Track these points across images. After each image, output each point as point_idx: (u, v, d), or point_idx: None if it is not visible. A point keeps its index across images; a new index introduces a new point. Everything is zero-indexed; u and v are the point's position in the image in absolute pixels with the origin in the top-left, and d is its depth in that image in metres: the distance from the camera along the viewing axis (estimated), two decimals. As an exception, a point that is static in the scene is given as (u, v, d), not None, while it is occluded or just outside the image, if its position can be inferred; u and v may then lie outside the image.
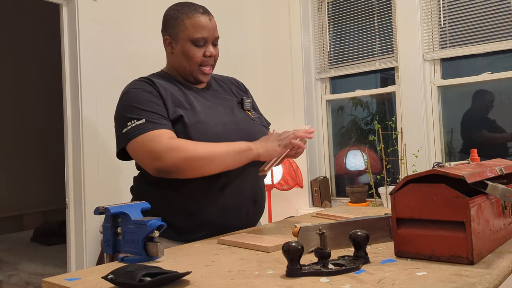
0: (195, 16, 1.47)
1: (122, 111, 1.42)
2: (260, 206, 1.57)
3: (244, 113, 1.59)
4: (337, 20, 3.33)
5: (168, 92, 1.46)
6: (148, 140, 1.34)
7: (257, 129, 1.56)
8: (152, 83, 1.46)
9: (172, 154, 1.32)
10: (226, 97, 1.61)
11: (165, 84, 1.49)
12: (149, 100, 1.41)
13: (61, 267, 3.03)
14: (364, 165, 3.19)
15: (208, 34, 1.48)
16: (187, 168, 1.34)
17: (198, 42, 1.47)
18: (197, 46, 1.48)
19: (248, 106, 1.62)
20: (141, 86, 1.45)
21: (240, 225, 1.49)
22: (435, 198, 0.96)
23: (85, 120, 2.39)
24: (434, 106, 2.89)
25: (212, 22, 1.50)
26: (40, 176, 4.74)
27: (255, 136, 1.50)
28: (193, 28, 1.47)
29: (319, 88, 3.42)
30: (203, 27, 1.47)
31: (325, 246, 0.94)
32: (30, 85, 4.77)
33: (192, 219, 1.43)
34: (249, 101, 1.63)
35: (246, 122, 1.55)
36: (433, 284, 0.83)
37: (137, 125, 1.36)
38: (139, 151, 1.36)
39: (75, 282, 0.95)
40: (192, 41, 1.47)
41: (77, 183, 2.38)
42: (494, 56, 2.74)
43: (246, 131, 1.51)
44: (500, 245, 1.08)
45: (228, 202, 1.45)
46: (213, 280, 0.92)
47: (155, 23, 2.80)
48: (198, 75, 1.51)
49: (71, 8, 2.42)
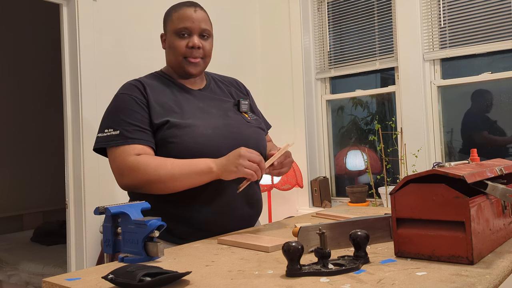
0: (181, 9, 1.50)
1: (105, 114, 1.47)
2: (255, 207, 1.56)
3: (240, 115, 1.57)
4: (337, 20, 3.33)
5: (158, 96, 1.46)
6: (116, 155, 1.39)
7: (251, 132, 1.54)
8: (141, 88, 1.46)
9: (134, 174, 1.36)
10: (222, 99, 1.59)
11: (158, 86, 1.50)
12: (131, 108, 1.42)
13: (61, 267, 3.03)
14: (364, 165, 3.19)
15: (191, 24, 1.48)
16: (147, 189, 1.38)
17: (181, 32, 1.48)
18: (181, 38, 1.49)
19: (244, 108, 1.60)
20: (129, 91, 1.46)
21: (237, 227, 1.48)
22: (435, 198, 0.96)
23: (85, 120, 2.39)
24: (434, 106, 2.89)
25: (197, 13, 1.50)
26: (40, 176, 4.74)
27: (248, 139, 1.49)
28: (178, 20, 1.49)
29: (319, 88, 3.42)
30: (186, 17, 1.48)
31: (325, 246, 0.94)
32: (31, 85, 4.77)
33: (187, 224, 1.43)
34: (246, 103, 1.61)
35: (240, 125, 1.53)
36: (433, 284, 0.83)
37: (111, 135, 1.41)
38: (110, 164, 1.42)
39: (75, 282, 0.95)
40: (176, 33, 1.49)
41: (77, 183, 2.38)
42: (494, 56, 2.74)
43: (238, 134, 1.49)
44: (500, 245, 1.08)
45: (222, 205, 1.44)
46: (213, 280, 0.92)
47: (155, 23, 2.81)
48: (185, 66, 1.50)
49: (71, 8, 2.42)
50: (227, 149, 1.41)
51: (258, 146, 1.52)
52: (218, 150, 1.41)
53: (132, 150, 1.38)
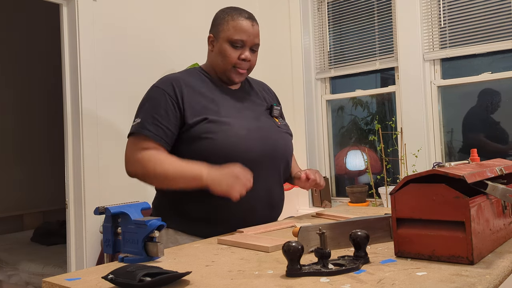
0: (239, 19, 1.54)
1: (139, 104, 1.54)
2: (276, 210, 1.60)
3: (271, 120, 1.62)
4: (337, 20, 3.33)
5: (195, 95, 1.51)
6: (129, 144, 1.49)
7: (280, 137, 1.59)
8: (177, 86, 1.50)
9: (135, 166, 1.46)
10: (255, 101, 1.64)
11: (196, 83, 1.55)
12: (159, 103, 1.47)
13: (61, 267, 3.03)
14: (364, 165, 3.19)
15: (247, 38, 1.53)
16: (144, 181, 1.47)
17: (235, 43, 1.53)
18: (234, 48, 1.54)
19: (276, 113, 1.65)
20: (163, 86, 1.51)
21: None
22: (435, 198, 0.96)
23: (85, 120, 2.39)
24: (434, 106, 2.89)
25: (254, 28, 1.56)
26: (40, 176, 4.74)
27: (277, 144, 1.55)
28: (234, 30, 1.53)
29: (319, 88, 3.42)
30: (244, 30, 1.53)
31: (325, 246, 0.94)
32: (31, 85, 4.76)
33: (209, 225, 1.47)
34: (279, 109, 1.67)
35: (271, 129, 1.58)
36: (433, 284, 0.83)
37: (135, 124, 1.49)
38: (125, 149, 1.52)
39: (75, 282, 0.95)
40: (230, 42, 1.53)
41: (77, 183, 2.38)
42: (494, 56, 2.74)
43: (268, 138, 1.54)
44: (500, 245, 1.08)
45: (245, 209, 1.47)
46: (213, 280, 0.92)
47: (155, 23, 2.81)
48: (231, 74, 1.56)
49: (71, 8, 2.42)
50: (258, 152, 1.47)
51: (286, 152, 1.59)
52: (250, 151, 1.47)
53: (143, 143, 1.45)
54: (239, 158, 1.42)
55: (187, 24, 2.97)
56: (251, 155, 1.46)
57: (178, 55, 2.87)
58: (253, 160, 1.46)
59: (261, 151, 1.48)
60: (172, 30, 2.88)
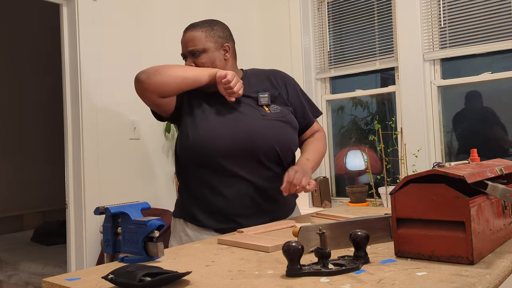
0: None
1: None
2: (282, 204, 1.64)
3: (256, 109, 1.60)
4: (337, 20, 3.33)
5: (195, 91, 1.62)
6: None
7: (262, 125, 1.57)
8: None
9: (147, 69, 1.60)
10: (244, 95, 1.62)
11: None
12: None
13: (61, 267, 3.03)
14: (364, 165, 3.19)
15: (184, 50, 1.65)
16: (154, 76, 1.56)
17: (183, 58, 1.67)
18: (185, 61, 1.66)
19: (264, 101, 1.62)
20: None
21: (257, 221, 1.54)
22: (435, 198, 0.96)
23: (85, 120, 2.39)
24: (434, 106, 2.89)
25: (186, 36, 1.64)
26: (40, 176, 4.74)
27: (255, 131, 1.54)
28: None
29: (319, 88, 3.42)
30: (182, 44, 1.65)
31: (325, 246, 0.94)
32: (31, 85, 4.77)
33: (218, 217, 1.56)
34: (266, 96, 1.63)
35: (249, 118, 1.57)
36: (433, 284, 0.83)
37: None
38: None
39: (75, 282, 0.95)
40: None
41: (77, 183, 2.38)
42: (494, 56, 2.74)
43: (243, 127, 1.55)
44: (500, 245, 1.08)
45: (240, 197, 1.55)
46: (213, 280, 0.92)
47: (155, 23, 2.81)
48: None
49: (71, 8, 2.42)
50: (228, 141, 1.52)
51: (268, 139, 1.56)
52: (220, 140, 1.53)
53: None
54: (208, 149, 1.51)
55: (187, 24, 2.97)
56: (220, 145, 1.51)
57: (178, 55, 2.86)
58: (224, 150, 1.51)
59: (230, 139, 1.52)
60: (172, 31, 2.88)
